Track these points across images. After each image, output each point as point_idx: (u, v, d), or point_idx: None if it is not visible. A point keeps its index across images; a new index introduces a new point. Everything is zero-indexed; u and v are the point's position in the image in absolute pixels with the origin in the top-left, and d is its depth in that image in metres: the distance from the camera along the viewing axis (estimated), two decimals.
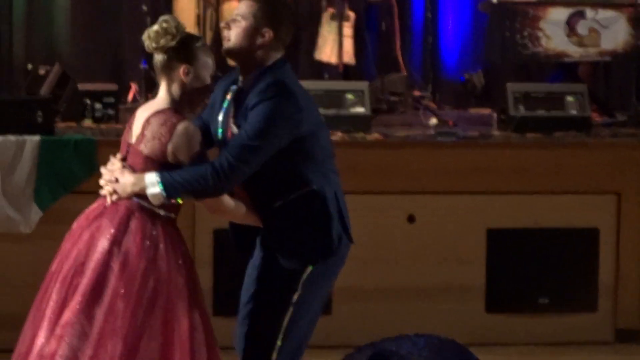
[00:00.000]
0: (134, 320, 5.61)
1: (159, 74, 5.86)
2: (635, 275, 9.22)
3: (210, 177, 5.59)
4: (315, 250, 5.77)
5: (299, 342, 5.95)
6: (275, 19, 5.82)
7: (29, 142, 8.64)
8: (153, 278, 5.66)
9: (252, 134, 5.60)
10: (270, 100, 5.62)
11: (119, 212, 5.75)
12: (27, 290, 8.68)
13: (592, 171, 9.34)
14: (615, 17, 10.81)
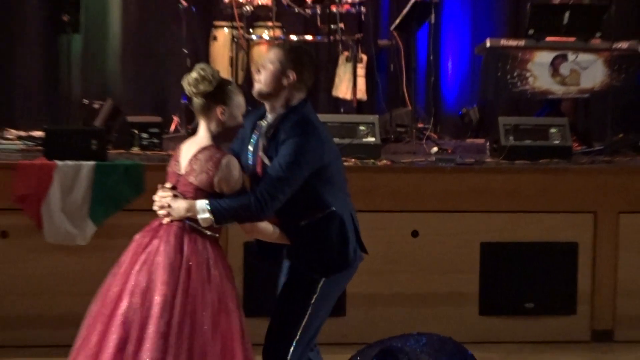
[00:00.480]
0: (202, 332, 5.79)
1: (199, 114, 5.98)
2: (609, 283, 9.20)
3: (253, 205, 5.72)
4: (334, 262, 5.86)
5: (312, 335, 6.05)
6: (298, 64, 5.89)
7: (85, 166, 8.65)
8: (210, 290, 5.81)
9: (285, 166, 5.69)
10: (298, 136, 5.72)
11: (173, 231, 5.89)
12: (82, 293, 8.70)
13: (572, 193, 9.33)
14: (593, 60, 10.81)
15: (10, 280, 8.64)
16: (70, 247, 8.61)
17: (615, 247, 9.26)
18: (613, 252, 9.25)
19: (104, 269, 8.66)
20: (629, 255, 9.25)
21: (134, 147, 9.79)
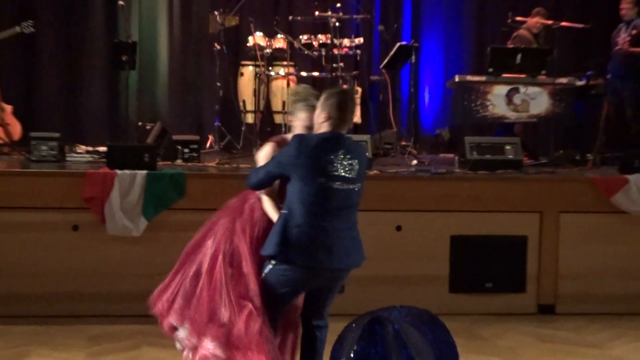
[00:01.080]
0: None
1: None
2: (552, 268, 9.17)
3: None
4: (267, 248, 5.70)
5: (269, 305, 5.85)
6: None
7: (139, 174, 8.63)
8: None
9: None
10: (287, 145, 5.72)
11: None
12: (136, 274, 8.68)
13: (523, 197, 9.29)
14: (540, 92, 10.79)
15: (79, 264, 8.60)
16: (126, 237, 8.58)
17: (556, 240, 9.22)
18: (555, 243, 9.21)
19: (153, 255, 8.71)
20: (568, 246, 9.21)
21: (177, 160, 9.79)
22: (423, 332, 2.21)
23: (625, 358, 7.85)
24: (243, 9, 12.20)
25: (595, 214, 9.31)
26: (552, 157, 10.99)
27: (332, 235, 5.66)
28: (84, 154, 10.47)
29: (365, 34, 12.82)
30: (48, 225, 8.66)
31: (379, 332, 2.17)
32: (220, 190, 8.94)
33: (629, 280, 9.25)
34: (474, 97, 10.96)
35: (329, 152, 5.54)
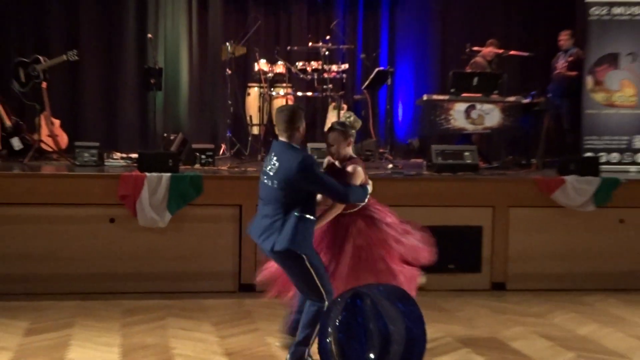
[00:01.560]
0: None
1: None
2: (503, 252, 9.17)
3: None
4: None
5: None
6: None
7: (164, 176, 8.60)
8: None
9: None
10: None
11: None
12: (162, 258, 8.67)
13: (479, 194, 9.28)
14: (492, 108, 10.77)
15: (115, 250, 8.59)
16: (154, 228, 8.56)
17: (506, 229, 9.21)
18: (505, 232, 9.20)
19: (176, 242, 8.71)
20: (516, 234, 9.21)
21: (196, 164, 9.76)
22: (396, 305, 2.22)
23: (563, 325, 7.86)
24: (249, 40, 12.20)
25: (538, 208, 9.32)
26: (503, 161, 11.02)
27: (257, 218, 6.04)
28: (119, 159, 10.45)
29: (350, 61, 12.80)
30: (90, 219, 8.65)
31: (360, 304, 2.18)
32: (231, 190, 8.98)
33: (565, 262, 9.27)
34: (438, 113, 10.94)
35: (268, 154, 6.00)
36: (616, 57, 11.31)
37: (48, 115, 11.06)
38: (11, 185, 8.77)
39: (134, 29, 13.12)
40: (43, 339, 7.07)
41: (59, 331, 7.28)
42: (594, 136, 11.28)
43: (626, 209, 9.41)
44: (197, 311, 7.96)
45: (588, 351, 7.03)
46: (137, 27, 13.11)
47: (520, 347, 7.15)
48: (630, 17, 11.28)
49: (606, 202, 9.31)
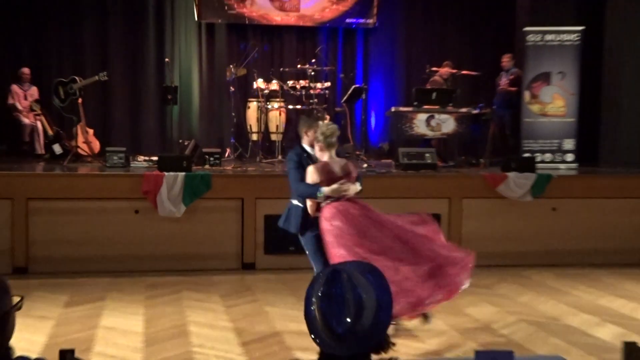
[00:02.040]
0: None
1: (333, 148, 6.08)
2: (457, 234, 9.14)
3: None
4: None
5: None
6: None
7: (180, 175, 8.58)
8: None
9: None
10: None
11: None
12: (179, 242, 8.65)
13: (437, 188, 9.28)
14: (448, 118, 10.78)
15: (139, 236, 8.57)
16: (171, 217, 8.54)
17: (460, 216, 9.21)
18: (459, 218, 9.20)
19: (189, 229, 8.67)
20: (468, 221, 9.21)
21: (206, 165, 9.73)
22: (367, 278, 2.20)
23: (506, 295, 7.88)
24: (249, 63, 12.16)
25: (485, 199, 9.33)
26: (457, 161, 11.01)
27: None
28: (142, 161, 10.41)
29: (331, 79, 12.78)
30: (118, 210, 8.62)
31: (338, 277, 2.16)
32: (234, 186, 8.96)
33: (508, 243, 9.27)
34: (404, 122, 10.94)
35: None
36: (548, 75, 11.34)
37: (83, 125, 11.05)
38: (53, 183, 8.77)
39: (154, 54, 13.08)
40: (80, 310, 7.07)
41: (93, 303, 7.28)
42: (531, 140, 11.32)
43: (557, 199, 9.44)
44: (207, 285, 7.97)
45: (527, 315, 7.08)
46: (156, 52, 13.08)
47: (472, 312, 7.18)
48: (560, 43, 11.31)
49: (541, 193, 9.34)
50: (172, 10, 13.15)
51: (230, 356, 5.81)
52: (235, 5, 13.24)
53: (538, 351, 5.94)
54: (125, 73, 13.02)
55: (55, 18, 12.80)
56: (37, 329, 6.27)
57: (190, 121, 13.15)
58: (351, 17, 13.69)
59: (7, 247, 8.39)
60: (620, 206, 9.56)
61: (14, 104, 11.52)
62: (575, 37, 11.32)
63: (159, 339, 6.23)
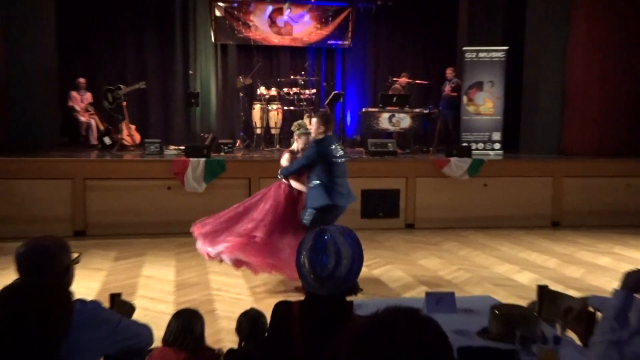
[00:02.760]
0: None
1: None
2: (412, 205, 9.18)
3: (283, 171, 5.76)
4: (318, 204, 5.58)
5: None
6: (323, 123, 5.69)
7: (201, 160, 8.53)
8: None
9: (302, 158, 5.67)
10: (310, 148, 5.61)
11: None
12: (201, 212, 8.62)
13: (397, 169, 9.24)
14: (405, 116, 10.91)
15: (171, 206, 8.51)
16: (195, 192, 8.50)
17: (414, 191, 9.19)
18: (413, 192, 9.19)
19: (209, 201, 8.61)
20: (420, 194, 9.19)
21: (221, 152, 9.66)
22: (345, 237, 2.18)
23: (449, 250, 7.90)
24: (254, 74, 12.09)
25: (433, 178, 9.31)
26: (412, 149, 11.00)
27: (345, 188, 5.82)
28: (172, 150, 10.32)
29: (317, 87, 12.73)
30: (154, 187, 8.56)
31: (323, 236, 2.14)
32: (243, 168, 8.92)
33: (450, 211, 9.29)
34: (372, 119, 10.92)
35: (333, 144, 5.67)
36: (481, 84, 11.33)
37: (127, 122, 10.97)
38: (104, 166, 8.73)
39: (180, 68, 12.99)
40: (125, 263, 7.04)
41: (135, 258, 7.26)
42: (468, 133, 11.32)
43: (488, 178, 9.45)
44: None
45: (465, 265, 7.11)
46: (182, 66, 12.98)
47: (424, 263, 7.20)
48: (490, 59, 11.30)
49: (475, 173, 9.34)
50: (195, 34, 13.05)
51: (240, 297, 5.82)
52: (243, 30, 13.17)
53: (473, 292, 5.97)
54: (158, 82, 12.93)
55: (104, 39, 12.70)
56: (92, 278, 6.26)
57: (209, 119, 13.07)
58: (331, 39, 13.66)
59: (69, 215, 8.34)
60: (534, 182, 9.59)
61: (73, 106, 11.43)
62: (501, 55, 11.32)
63: (187, 284, 6.24)
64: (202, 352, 2.84)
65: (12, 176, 8.23)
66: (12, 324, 1.63)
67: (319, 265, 2.12)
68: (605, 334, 2.29)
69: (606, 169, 9.79)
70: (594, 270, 6.95)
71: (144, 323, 2.50)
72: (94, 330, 2.15)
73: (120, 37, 12.79)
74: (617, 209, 9.62)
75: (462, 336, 2.57)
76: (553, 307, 2.99)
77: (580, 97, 10.86)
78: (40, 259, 2.21)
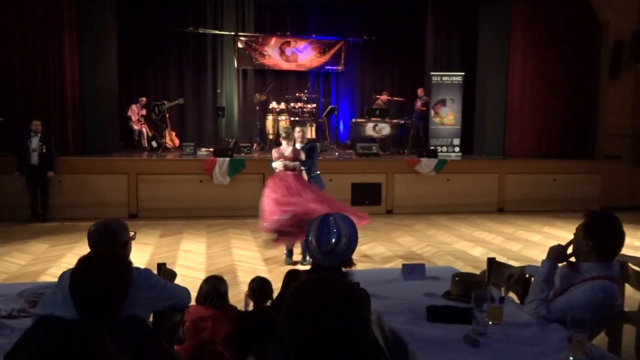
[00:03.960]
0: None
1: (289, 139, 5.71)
2: (391, 195, 9.18)
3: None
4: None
5: None
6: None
7: (226, 160, 8.51)
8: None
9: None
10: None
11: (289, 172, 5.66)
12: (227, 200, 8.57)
13: (379, 167, 9.22)
14: (385, 125, 10.87)
15: (203, 195, 8.50)
16: (222, 185, 8.49)
17: (393, 184, 9.18)
18: (392, 185, 9.18)
19: (233, 192, 8.57)
20: (397, 186, 9.17)
21: (242, 153, 9.61)
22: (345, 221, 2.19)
23: (420, 230, 7.91)
24: (268, 92, 12.05)
25: (407, 174, 9.29)
26: (391, 151, 10.91)
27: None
28: (204, 151, 10.28)
29: (317, 102, 12.64)
30: (190, 180, 8.54)
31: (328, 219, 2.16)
32: (258, 166, 8.88)
33: (421, 200, 9.27)
34: (360, 128, 10.86)
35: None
36: (444, 101, 11.28)
37: (169, 130, 10.98)
38: (152, 164, 8.69)
39: (210, 87, 12.86)
40: (168, 239, 7.04)
41: (175, 235, 7.26)
42: (435, 139, 11.27)
43: (450, 174, 9.44)
44: (242, 226, 7.91)
45: (433, 242, 7.11)
46: (212, 85, 12.85)
47: (400, 241, 7.21)
48: (451, 82, 11.26)
49: (440, 170, 9.33)
50: (222, 61, 12.92)
51: (256, 267, 5.83)
52: (259, 58, 13.10)
53: (438, 263, 5.99)
54: (193, 98, 12.82)
55: (153, 65, 12.60)
56: (142, 250, 6.26)
57: (232, 127, 12.96)
58: (328, 65, 13.57)
59: (125, 202, 8.34)
60: (485, 177, 9.59)
61: (130, 116, 11.40)
62: (459, 78, 11.29)
63: (215, 256, 6.24)
64: (226, 309, 2.86)
65: (82, 171, 8.29)
66: (91, 283, 1.67)
67: (323, 241, 2.14)
68: (536, 294, 2.34)
69: (538, 167, 9.82)
70: (529, 245, 6.98)
71: (184, 287, 2.52)
72: (147, 291, 2.17)
73: (164, 64, 12.69)
74: (547, 198, 9.67)
75: (430, 297, 2.59)
76: (499, 274, 3.02)
77: (519, 111, 10.92)
78: (106, 235, 2.25)
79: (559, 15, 10.64)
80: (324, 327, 1.20)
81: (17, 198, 7.90)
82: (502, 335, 2.12)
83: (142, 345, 1.64)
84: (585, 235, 2.35)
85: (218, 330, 2.73)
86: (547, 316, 2.28)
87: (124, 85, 11.80)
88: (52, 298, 2.07)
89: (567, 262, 2.44)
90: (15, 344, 1.68)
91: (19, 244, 6.59)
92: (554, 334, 2.13)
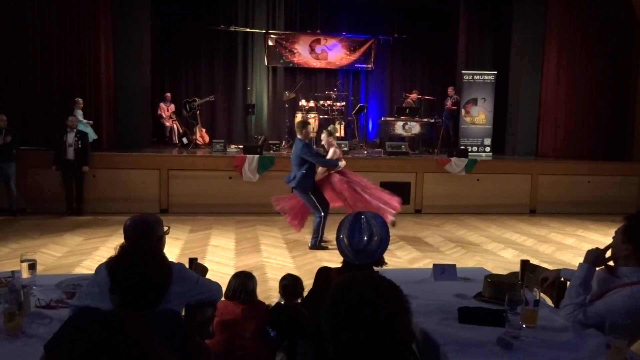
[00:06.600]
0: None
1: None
2: (420, 194, 9.10)
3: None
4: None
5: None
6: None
7: (256, 157, 8.57)
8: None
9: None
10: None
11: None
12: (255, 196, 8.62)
13: (409, 166, 9.15)
14: (416, 124, 10.70)
15: (232, 192, 8.57)
16: (251, 182, 8.55)
17: (422, 183, 9.11)
18: (422, 185, 9.10)
19: (262, 188, 8.61)
20: (427, 186, 9.09)
21: (271, 150, 9.65)
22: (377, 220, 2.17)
23: (449, 230, 7.81)
24: (297, 90, 12.09)
25: (437, 173, 9.19)
26: (420, 150, 10.80)
27: (290, 173, 6.37)
28: (233, 148, 10.35)
29: (346, 100, 12.65)
30: (220, 177, 8.62)
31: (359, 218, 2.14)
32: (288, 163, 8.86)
33: (451, 199, 9.16)
34: (389, 126, 10.79)
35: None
36: (476, 100, 11.15)
37: (200, 127, 11.11)
38: (183, 160, 8.80)
39: (241, 85, 12.98)
40: (198, 234, 7.12)
41: (205, 231, 7.35)
42: (465, 138, 11.16)
43: (480, 174, 9.31)
44: (270, 222, 7.96)
45: (462, 243, 7.02)
46: (242, 83, 12.98)
47: (429, 240, 7.14)
48: (483, 80, 11.12)
49: (471, 170, 9.21)
50: (252, 59, 13.04)
51: (284, 263, 5.86)
52: (289, 56, 13.15)
53: (468, 264, 5.91)
54: (224, 96, 12.95)
55: (185, 63, 12.79)
56: (173, 245, 6.35)
57: (262, 124, 13.06)
58: (358, 63, 13.53)
59: (156, 197, 8.48)
60: (516, 178, 9.41)
61: (161, 114, 11.58)
62: (491, 77, 11.12)
63: (244, 252, 6.29)
64: (255, 305, 2.87)
65: (115, 166, 8.45)
66: (139, 277, 1.70)
67: (355, 240, 2.13)
68: (572, 298, 2.29)
69: (572, 169, 9.61)
70: (562, 248, 6.83)
71: (215, 281, 2.54)
72: (180, 285, 2.20)
73: (196, 61, 12.86)
74: (580, 200, 9.45)
75: (462, 299, 2.55)
76: (532, 277, 2.95)
77: (552, 112, 10.72)
78: (142, 229, 2.28)
79: (596, 14, 10.37)
80: (366, 323, 1.22)
81: (54, 192, 8.13)
82: (536, 339, 2.07)
83: (176, 339, 1.66)
84: (624, 238, 2.28)
85: (247, 325, 2.75)
86: (583, 321, 2.22)
87: (156, 82, 12.00)
88: (89, 290, 2.12)
89: (605, 266, 2.37)
90: (55, 334, 1.72)
91: (55, 236, 6.77)
92: (591, 340, 2.07)
